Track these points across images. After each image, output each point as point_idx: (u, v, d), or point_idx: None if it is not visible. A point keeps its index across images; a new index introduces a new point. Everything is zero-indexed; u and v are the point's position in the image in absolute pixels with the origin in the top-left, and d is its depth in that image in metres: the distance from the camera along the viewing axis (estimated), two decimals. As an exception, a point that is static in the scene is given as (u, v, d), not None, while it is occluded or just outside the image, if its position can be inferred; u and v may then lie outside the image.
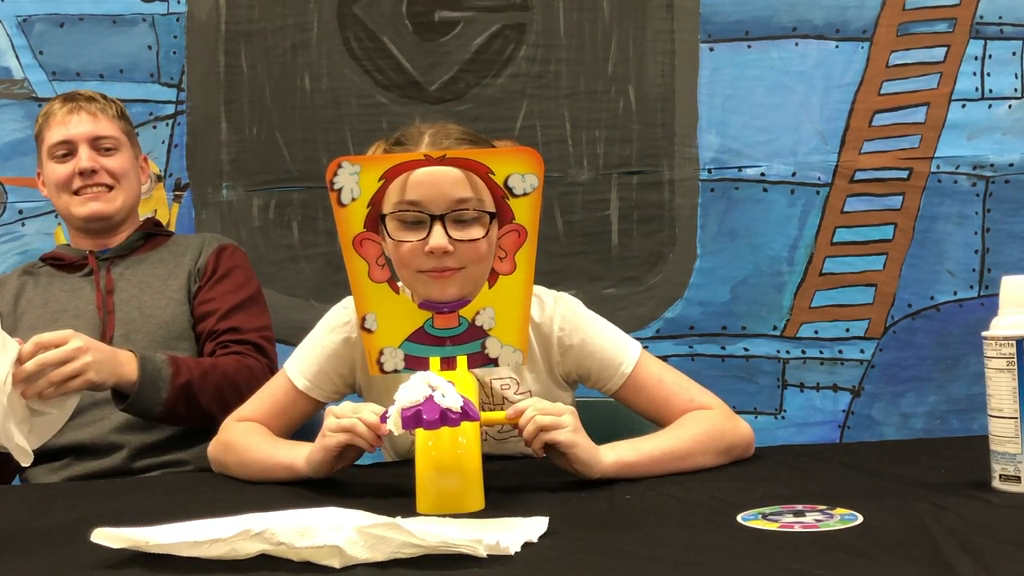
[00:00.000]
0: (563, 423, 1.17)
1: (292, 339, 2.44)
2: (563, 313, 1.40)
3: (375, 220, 1.22)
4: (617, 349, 1.39)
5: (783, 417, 2.42)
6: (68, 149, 1.79)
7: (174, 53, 2.40)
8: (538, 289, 1.40)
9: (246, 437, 1.38)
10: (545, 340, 1.41)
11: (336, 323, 1.42)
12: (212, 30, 2.40)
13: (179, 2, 2.40)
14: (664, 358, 1.76)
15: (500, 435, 1.43)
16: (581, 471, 1.19)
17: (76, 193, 1.79)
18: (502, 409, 1.35)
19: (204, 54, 2.40)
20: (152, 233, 1.89)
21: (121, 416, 1.64)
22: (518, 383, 1.41)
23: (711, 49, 2.40)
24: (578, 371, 1.42)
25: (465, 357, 1.19)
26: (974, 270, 2.41)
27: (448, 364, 1.18)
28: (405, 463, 1.32)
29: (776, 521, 0.94)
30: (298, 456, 1.27)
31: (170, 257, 1.84)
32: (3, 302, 1.79)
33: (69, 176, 1.78)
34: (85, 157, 1.78)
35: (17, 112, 2.36)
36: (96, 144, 1.80)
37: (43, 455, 1.56)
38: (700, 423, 1.31)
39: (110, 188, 1.80)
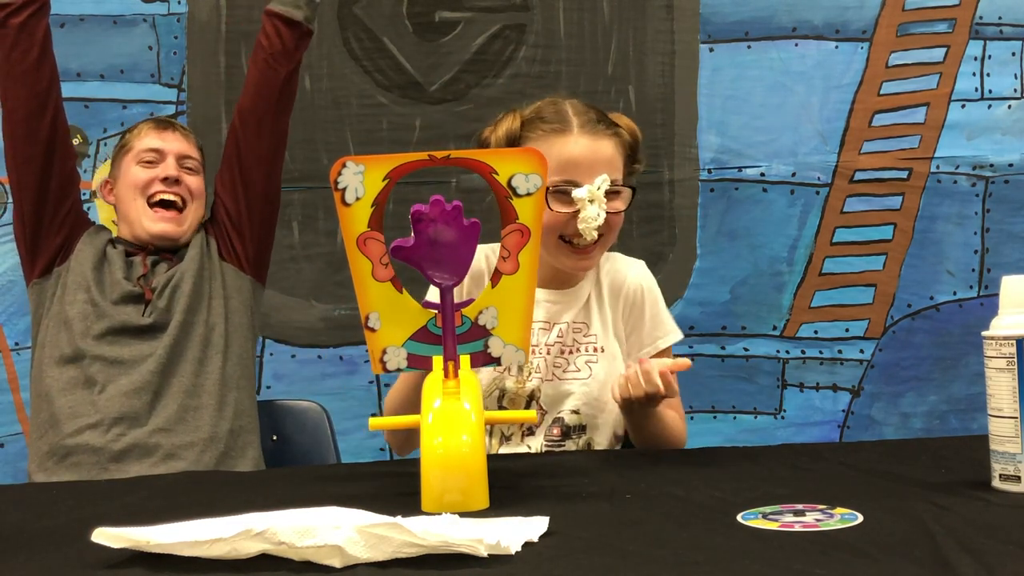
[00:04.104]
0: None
1: (294, 339, 2.45)
2: (648, 278, 1.65)
3: (379, 219, 1.22)
4: (669, 325, 1.64)
5: (783, 417, 2.42)
6: (157, 157, 1.87)
7: (175, 53, 2.40)
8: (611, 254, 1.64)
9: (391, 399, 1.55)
10: (621, 293, 1.62)
11: None
12: (213, 30, 2.40)
13: (180, 2, 2.40)
14: (664, 358, 1.76)
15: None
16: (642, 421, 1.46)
17: (150, 201, 1.85)
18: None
19: (205, 54, 2.40)
20: None
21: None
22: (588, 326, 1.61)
23: (711, 49, 2.41)
24: (631, 320, 1.62)
25: (468, 356, 1.19)
26: (974, 270, 2.41)
27: (450, 364, 1.19)
28: (407, 462, 1.33)
29: (776, 521, 0.94)
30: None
31: None
32: (90, 252, 1.83)
33: (150, 180, 1.86)
34: (172, 166, 1.87)
35: (17, 112, 2.35)
36: (182, 162, 1.89)
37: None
38: (681, 424, 1.59)
39: (183, 208, 1.87)
